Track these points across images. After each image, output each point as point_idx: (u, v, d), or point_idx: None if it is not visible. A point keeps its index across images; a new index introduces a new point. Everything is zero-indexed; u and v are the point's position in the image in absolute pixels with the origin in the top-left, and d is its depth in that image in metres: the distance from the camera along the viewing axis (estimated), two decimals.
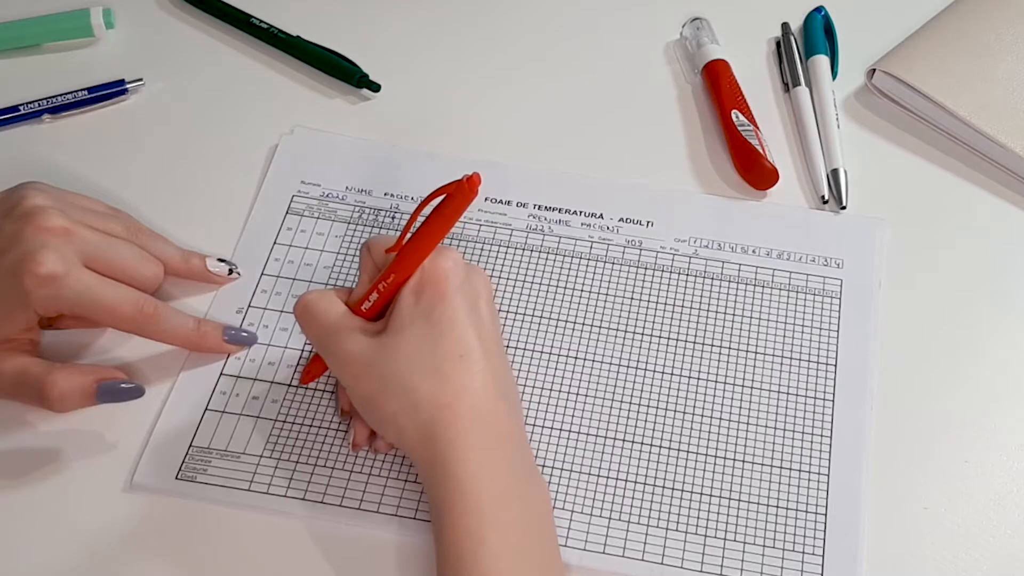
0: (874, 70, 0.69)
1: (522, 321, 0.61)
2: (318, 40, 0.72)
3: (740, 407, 0.58)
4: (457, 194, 0.51)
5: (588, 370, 0.59)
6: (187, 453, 0.56)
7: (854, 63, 0.71)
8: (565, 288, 0.62)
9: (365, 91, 0.71)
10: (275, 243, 0.64)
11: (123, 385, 0.55)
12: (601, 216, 0.65)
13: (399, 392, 0.50)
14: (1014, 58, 0.69)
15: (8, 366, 0.54)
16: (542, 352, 0.60)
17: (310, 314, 0.53)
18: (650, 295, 0.62)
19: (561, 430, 0.57)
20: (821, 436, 0.57)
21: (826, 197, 0.65)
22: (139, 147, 0.69)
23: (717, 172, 0.67)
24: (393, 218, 0.65)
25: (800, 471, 0.56)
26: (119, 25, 0.74)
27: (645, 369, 0.59)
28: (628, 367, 0.59)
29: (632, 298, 0.62)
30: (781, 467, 0.56)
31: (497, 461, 0.50)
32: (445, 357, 0.50)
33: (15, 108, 0.69)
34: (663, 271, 0.63)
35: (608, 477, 0.56)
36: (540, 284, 0.62)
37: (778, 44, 0.73)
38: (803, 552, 0.53)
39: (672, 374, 0.59)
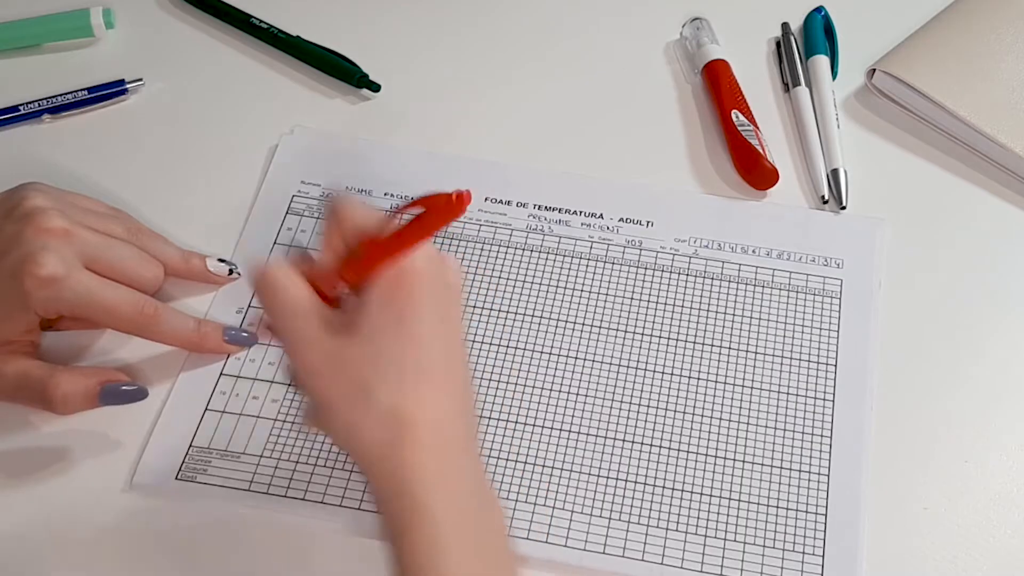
0: (874, 70, 0.69)
1: (522, 321, 0.61)
2: (318, 40, 0.72)
3: (740, 407, 0.58)
4: (444, 209, 0.48)
5: (588, 370, 0.59)
6: (187, 453, 0.56)
7: (854, 63, 0.71)
8: (565, 288, 0.62)
9: (365, 91, 0.71)
10: (275, 243, 0.64)
11: (126, 387, 0.55)
12: (601, 216, 0.65)
13: (361, 401, 0.47)
14: (1014, 58, 0.69)
15: (10, 369, 0.54)
16: (542, 352, 0.60)
17: (273, 290, 0.49)
18: (650, 295, 0.62)
19: (561, 430, 0.57)
20: (821, 436, 0.57)
21: (826, 197, 0.65)
22: (139, 147, 0.69)
23: (717, 172, 0.67)
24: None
25: (800, 471, 0.56)
26: (119, 25, 0.74)
27: (645, 369, 0.59)
28: (628, 367, 0.59)
29: (632, 298, 0.62)
30: (781, 467, 0.56)
31: (456, 479, 0.48)
32: (411, 369, 0.48)
33: (15, 108, 0.69)
34: (663, 271, 0.63)
35: (608, 477, 0.56)
36: (540, 284, 0.62)
37: (778, 44, 0.73)
38: (803, 552, 0.53)
39: (672, 374, 0.59)
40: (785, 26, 0.74)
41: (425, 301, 0.48)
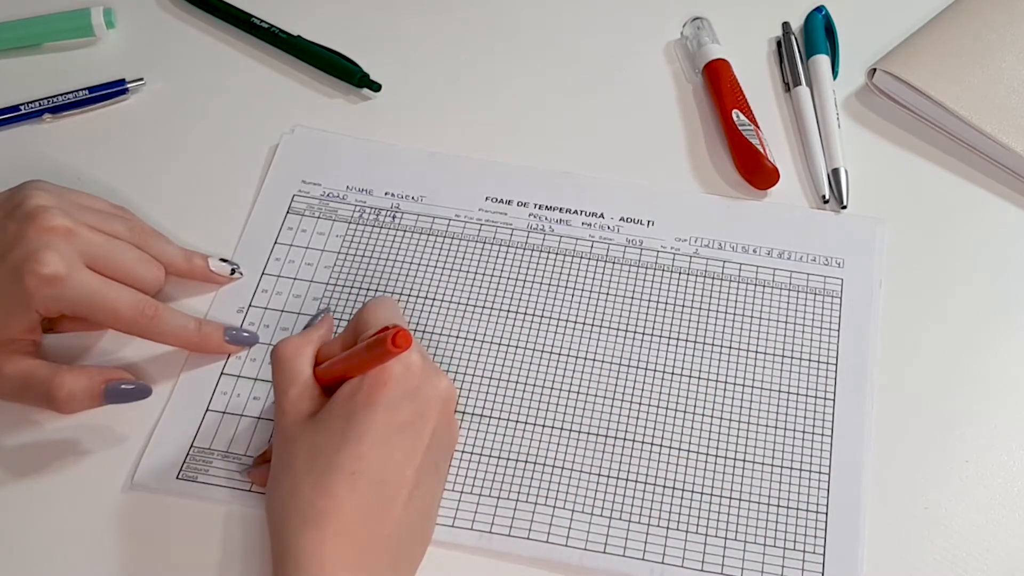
0: (875, 70, 0.70)
1: (522, 320, 0.61)
2: (319, 40, 0.72)
3: (741, 406, 0.58)
4: (376, 345, 0.49)
5: (588, 369, 0.59)
6: (188, 453, 0.56)
7: (855, 63, 0.72)
8: (565, 288, 0.62)
9: (365, 91, 0.71)
10: (276, 243, 0.64)
11: (130, 386, 0.55)
12: (602, 216, 0.65)
13: (289, 483, 0.48)
14: (1014, 58, 0.69)
15: (13, 368, 0.54)
16: (542, 351, 0.60)
17: (279, 367, 0.52)
18: (650, 295, 0.62)
19: (561, 430, 0.57)
20: (822, 435, 0.57)
21: (827, 197, 0.65)
22: (139, 147, 0.69)
23: (717, 172, 0.67)
24: (394, 217, 0.65)
25: (801, 470, 0.56)
26: (119, 25, 0.74)
27: (645, 369, 0.59)
28: (628, 366, 0.59)
29: (632, 298, 0.62)
30: (782, 466, 0.56)
31: None
32: (337, 466, 0.48)
33: (16, 108, 0.69)
34: (664, 271, 0.63)
35: (608, 476, 0.56)
36: (540, 284, 0.62)
37: (779, 44, 0.73)
38: (804, 551, 0.53)
39: (672, 374, 0.59)
40: (786, 26, 0.74)
41: (379, 407, 0.49)
